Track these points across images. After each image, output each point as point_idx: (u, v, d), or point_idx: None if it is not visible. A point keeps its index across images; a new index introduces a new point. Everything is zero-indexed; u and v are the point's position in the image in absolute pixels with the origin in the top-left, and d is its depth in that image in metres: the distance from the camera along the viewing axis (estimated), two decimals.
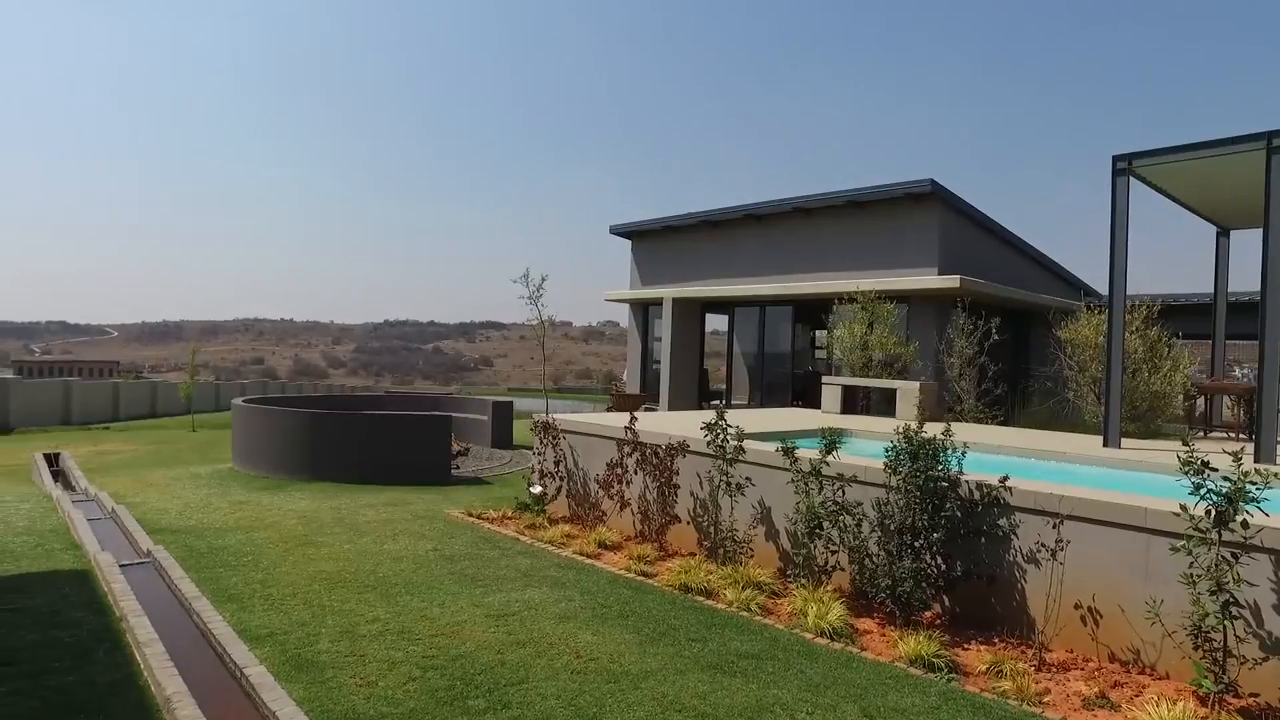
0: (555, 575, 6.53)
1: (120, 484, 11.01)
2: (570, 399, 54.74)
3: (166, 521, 8.04)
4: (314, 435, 11.47)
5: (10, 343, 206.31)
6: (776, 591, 6.37)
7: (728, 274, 18.56)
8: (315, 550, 7.04)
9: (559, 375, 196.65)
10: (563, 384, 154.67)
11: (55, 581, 5.69)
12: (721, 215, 18.53)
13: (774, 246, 17.82)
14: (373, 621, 5.14)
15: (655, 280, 20.33)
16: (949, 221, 15.58)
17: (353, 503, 9.54)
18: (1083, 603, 5.03)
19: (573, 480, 9.13)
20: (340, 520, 8.45)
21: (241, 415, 12.53)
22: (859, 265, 16.15)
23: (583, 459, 9.01)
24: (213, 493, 10.12)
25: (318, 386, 63.48)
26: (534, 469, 9.27)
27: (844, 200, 16.13)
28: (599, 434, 8.75)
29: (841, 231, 16.65)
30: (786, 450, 6.52)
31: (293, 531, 7.78)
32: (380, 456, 11.36)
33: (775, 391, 18.27)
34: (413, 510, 9.18)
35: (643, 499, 8.13)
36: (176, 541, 7.06)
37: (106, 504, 8.40)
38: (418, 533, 7.92)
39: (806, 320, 18.95)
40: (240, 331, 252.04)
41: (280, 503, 9.44)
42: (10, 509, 8.49)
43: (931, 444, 5.77)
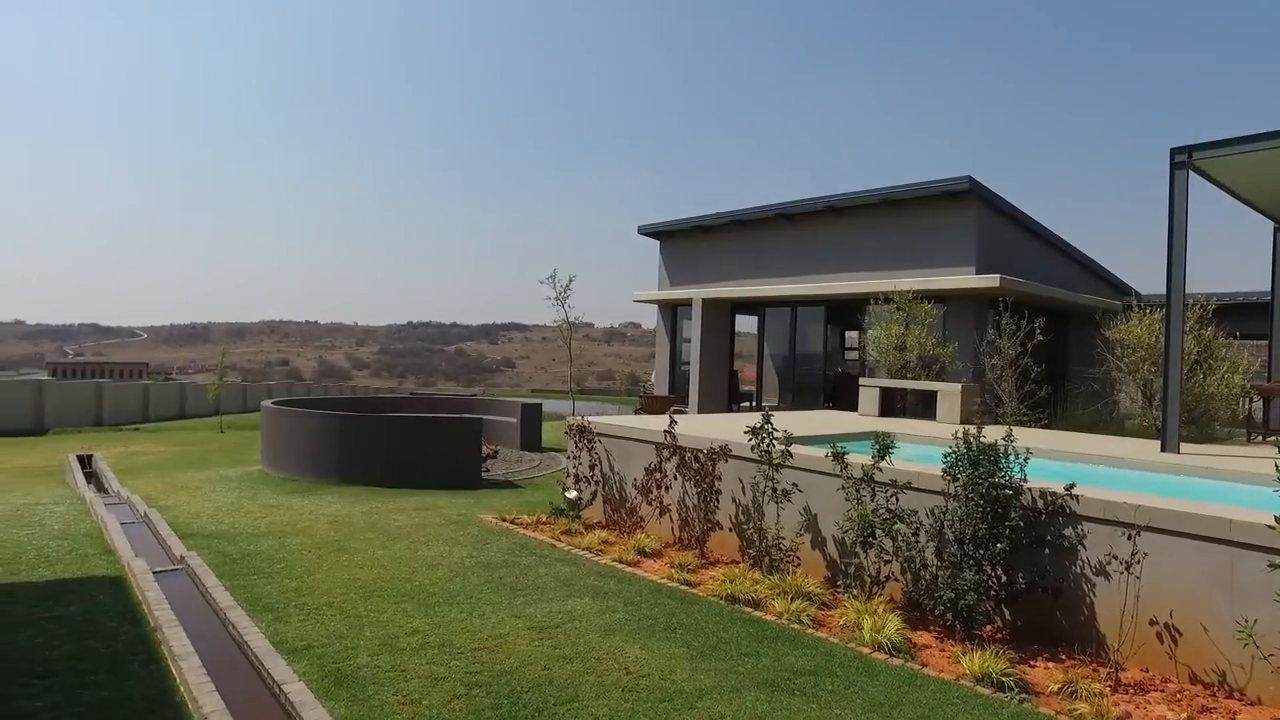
0: (596, 584, 6.33)
1: (152, 486, 10.98)
2: (594, 400, 54.61)
3: (198, 526, 7.94)
4: (344, 438, 11.37)
5: (45, 344, 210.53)
6: (826, 602, 6.12)
7: (758, 274, 18.28)
8: (349, 557, 6.89)
9: (581, 377, 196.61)
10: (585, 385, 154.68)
11: (89, 588, 5.57)
12: (752, 215, 18.26)
13: (806, 246, 17.52)
14: (412, 634, 4.96)
15: (684, 281, 20.09)
16: (987, 219, 15.21)
17: (384, 507, 9.41)
18: (1159, 619, 4.74)
19: (608, 485, 8.93)
20: (372, 525, 8.31)
21: (271, 418, 12.47)
22: (893, 265, 15.82)
23: (618, 463, 8.80)
24: (243, 496, 10.03)
25: (343, 388, 63.93)
26: (568, 473, 9.08)
27: (878, 198, 15.80)
28: (636, 438, 8.54)
29: (875, 230, 16.32)
30: (837, 455, 6.27)
31: (325, 537, 7.65)
32: (410, 460, 11.23)
33: (806, 393, 17.97)
34: (445, 515, 9.02)
35: (682, 505, 7.92)
36: (209, 547, 6.95)
37: (139, 507, 8.32)
38: (452, 539, 7.76)
39: (839, 321, 18.63)
40: (266, 333, 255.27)
41: (311, 507, 9.33)
42: (46, 512, 8.44)
43: (993, 450, 5.50)
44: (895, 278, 15.43)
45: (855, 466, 6.21)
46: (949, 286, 14.25)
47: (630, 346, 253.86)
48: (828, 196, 16.68)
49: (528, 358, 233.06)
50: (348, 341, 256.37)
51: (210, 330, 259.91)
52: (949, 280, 14.42)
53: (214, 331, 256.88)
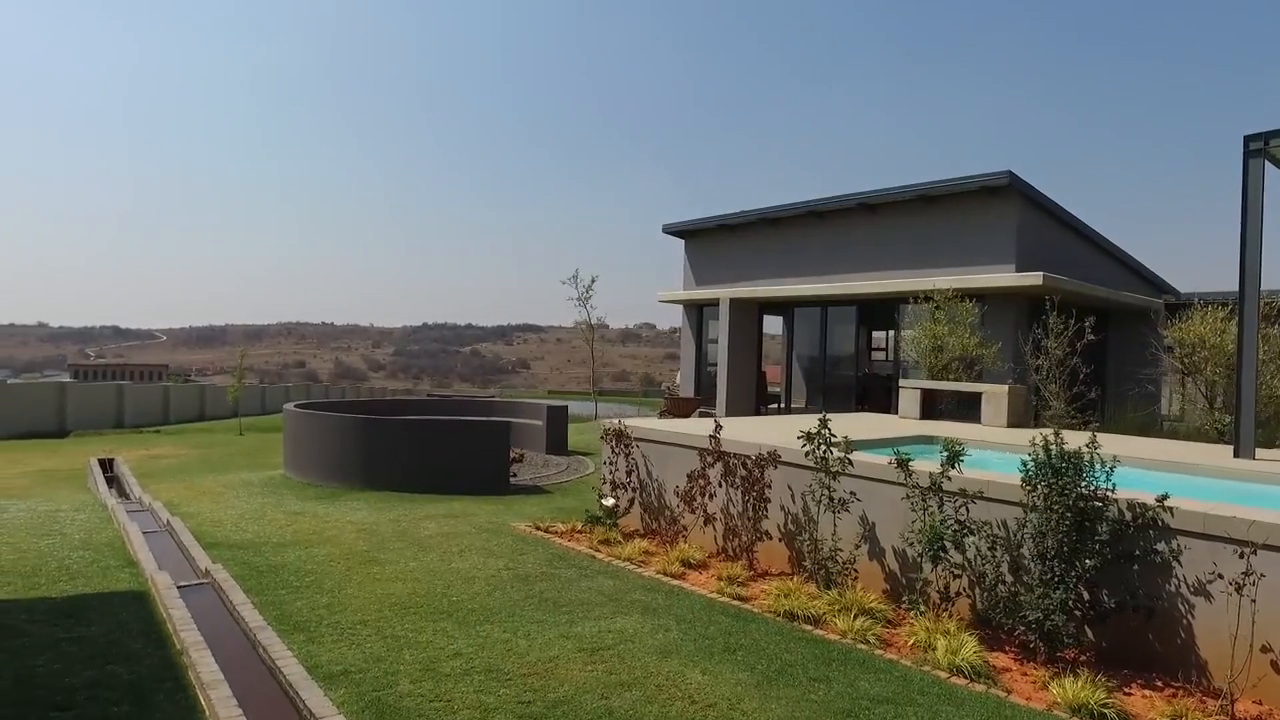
0: (643, 599, 5.96)
1: (173, 491, 10.72)
2: (613, 401, 54.22)
3: (222, 534, 7.64)
4: (368, 442, 11.06)
5: (68, 346, 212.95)
6: (890, 619, 5.73)
7: (786, 273, 17.87)
8: (380, 569, 6.56)
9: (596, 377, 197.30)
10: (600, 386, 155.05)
11: (112, 604, 5.26)
12: (781, 212, 17.84)
13: (836, 244, 17.09)
14: (455, 656, 4.61)
15: (710, 280, 19.70)
16: (1026, 215, 14.72)
17: (411, 514, 9.09)
18: (1272, 646, 4.32)
19: (645, 491, 8.57)
20: (401, 534, 7.98)
21: (293, 421, 12.18)
22: (928, 263, 15.36)
23: (657, 469, 8.44)
24: (266, 502, 9.74)
25: (360, 390, 63.91)
26: (605, 480, 8.72)
27: (912, 194, 15.35)
28: (677, 443, 8.17)
29: (909, 227, 15.86)
30: (901, 463, 5.87)
31: (353, 547, 7.32)
32: (436, 465, 10.91)
33: (836, 395, 17.53)
34: (475, 523, 8.68)
35: (726, 513, 7.55)
36: (234, 558, 6.64)
37: (161, 515, 8.04)
38: (485, 549, 7.41)
39: (870, 321, 18.20)
40: (283, 335, 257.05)
41: (336, 514, 9.02)
42: (67, 520, 8.18)
43: (1077, 457, 5.09)
44: (930, 276, 14.98)
45: (922, 474, 5.82)
46: (988, 285, 13.78)
47: (645, 348, 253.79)
48: (860, 193, 16.24)
49: (542, 359, 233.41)
50: (363, 343, 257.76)
51: (228, 332, 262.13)
52: (988, 278, 13.94)
53: (231, 333, 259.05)
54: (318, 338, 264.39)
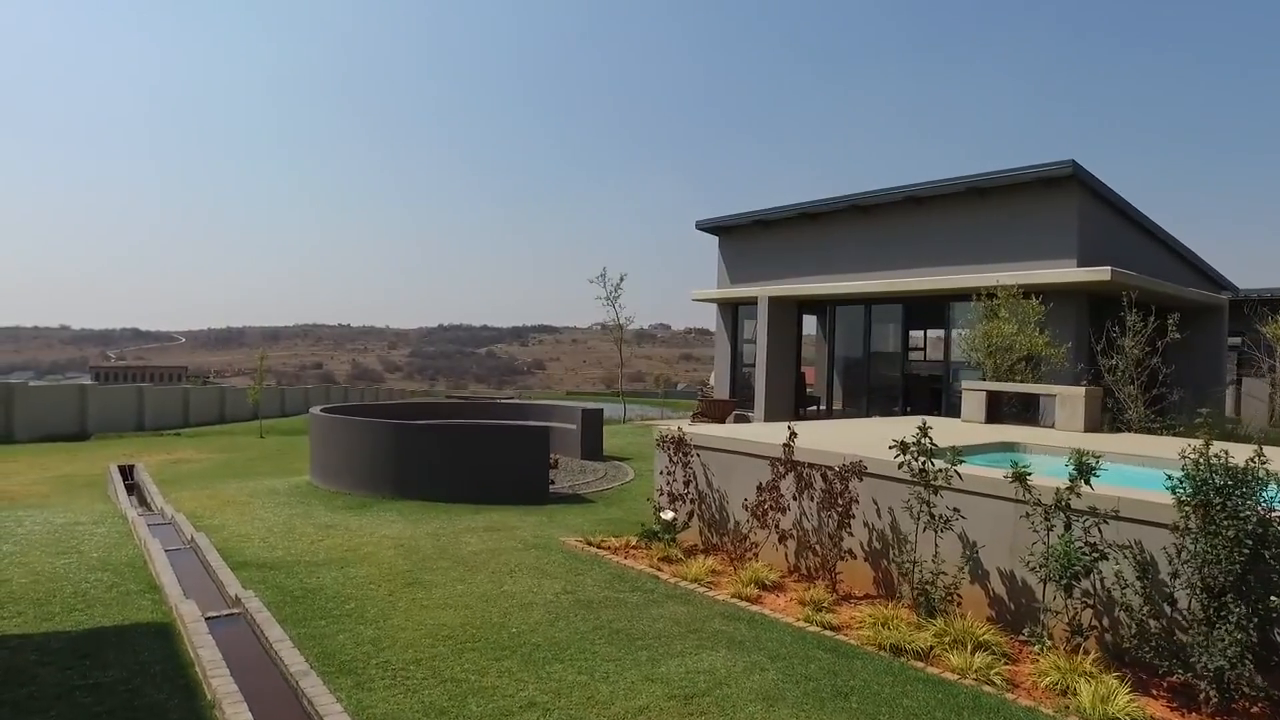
0: (725, 630, 5.28)
1: (196, 500, 10.15)
2: (635, 402, 53.45)
3: (250, 552, 7.03)
4: (401, 449, 10.45)
5: (90, 349, 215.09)
6: (1009, 654, 5.02)
7: (827, 270, 17.13)
8: (426, 593, 5.91)
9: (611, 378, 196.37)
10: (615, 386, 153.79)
11: (133, 640, 4.65)
12: (820, 207, 17.10)
13: (880, 239, 16.33)
14: (529, 707, 3.95)
15: (745, 278, 18.98)
16: (1088, 207, 13.91)
17: (450, 527, 8.46)
18: None
19: (706, 504, 7.89)
20: (443, 551, 7.34)
21: (320, 426, 11.59)
22: (980, 258, 14.58)
23: (719, 479, 7.76)
24: (295, 514, 9.14)
25: (380, 392, 63.56)
26: (661, 490, 8.04)
27: (964, 186, 14.56)
28: (744, 451, 7.48)
29: (960, 221, 15.08)
30: (1019, 476, 5.16)
31: (393, 566, 6.69)
32: (473, 473, 10.28)
33: (879, 397, 16.77)
34: (520, 538, 8.04)
35: (799, 527, 6.86)
36: (266, 581, 6.02)
37: (185, 529, 7.44)
38: (537, 568, 6.76)
39: (918, 320, 17.46)
40: (300, 337, 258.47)
41: (370, 527, 8.40)
42: (85, 534, 7.59)
43: (1246, 473, 4.36)
44: (982, 272, 14.21)
45: (1044, 490, 5.11)
46: (1050, 281, 12.97)
47: (661, 348, 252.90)
48: (907, 186, 15.47)
49: (558, 359, 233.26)
50: (379, 344, 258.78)
51: (246, 334, 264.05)
52: (1049, 274, 13.14)
53: (249, 335, 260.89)
54: (334, 339, 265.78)
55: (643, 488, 11.62)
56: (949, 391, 15.17)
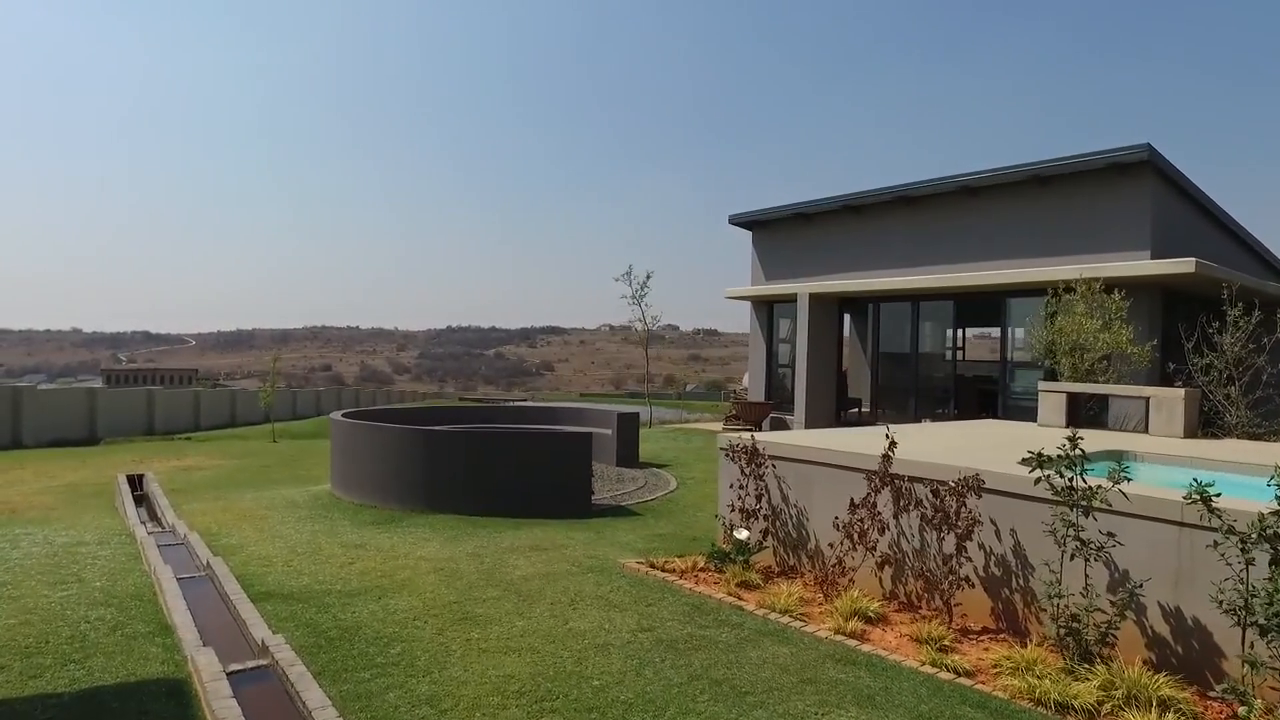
0: (844, 679, 4.42)
1: (210, 514, 9.33)
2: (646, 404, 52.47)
3: (273, 579, 6.19)
4: (432, 458, 9.61)
5: (101, 351, 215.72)
6: (1197, 715, 4.15)
7: (869, 265, 16.23)
8: (481, 631, 5.06)
9: (620, 379, 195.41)
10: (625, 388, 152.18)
11: (140, 702, 3.81)
12: (864, 199, 16.19)
13: (930, 232, 15.42)
14: None
15: (781, 275, 18.08)
16: (1161, 195, 12.98)
17: (491, 546, 7.61)
18: None
19: (779, 520, 7.03)
20: (489, 576, 6.49)
21: (343, 433, 10.76)
22: (1040, 251, 13.67)
23: (797, 493, 6.89)
24: (318, 530, 8.31)
25: (393, 395, 62.90)
26: (732, 507, 7.16)
27: (1025, 175, 13.63)
28: (828, 462, 6.61)
29: (1018, 212, 14.17)
30: (1204, 497, 4.27)
31: (438, 596, 5.84)
32: (510, 483, 9.45)
33: (928, 400, 15.85)
34: (572, 559, 7.18)
35: (896, 549, 6.01)
36: (294, 617, 5.18)
37: (199, 551, 6.61)
38: (602, 598, 5.90)
39: (969, 317, 16.61)
40: (309, 339, 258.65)
41: (403, 546, 7.56)
42: (88, 558, 6.77)
43: None
44: (1043, 265, 13.30)
45: (1240, 514, 4.22)
46: (1124, 274, 12.03)
47: (670, 349, 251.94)
48: (960, 175, 14.56)
49: (566, 361, 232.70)
50: (388, 346, 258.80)
51: (255, 336, 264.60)
52: (1122, 267, 12.21)
53: (259, 337, 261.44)
54: (343, 341, 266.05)
55: (689, 498, 10.77)
56: (1006, 393, 14.26)
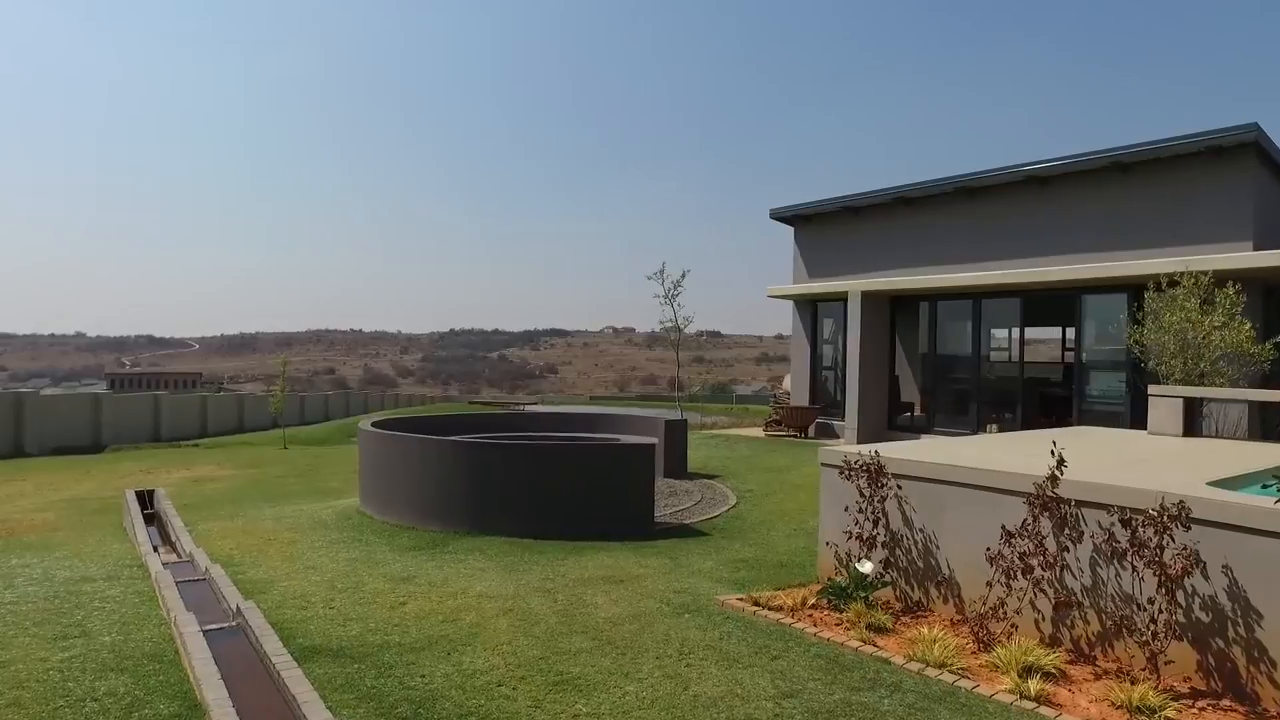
0: None
1: (230, 537, 8.34)
2: (659, 407, 51.51)
3: (316, 627, 5.18)
4: (478, 473, 8.60)
5: (105, 355, 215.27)
6: None
7: (927, 261, 15.21)
8: (586, 702, 4.05)
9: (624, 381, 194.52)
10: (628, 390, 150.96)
11: None
12: (920, 190, 15.17)
13: (993, 225, 14.39)
14: None
15: (827, 271, 17.05)
16: (1263, 181, 11.92)
17: (558, 578, 6.60)
18: None
19: (900, 548, 6.02)
20: (569, 619, 5.47)
21: (374, 445, 9.75)
22: (1120, 244, 12.65)
23: (923, 517, 5.87)
24: (355, 558, 7.30)
25: (398, 398, 61.95)
26: (850, 533, 6.13)
27: (1105, 161, 12.60)
28: (970, 482, 5.58)
29: (1095, 203, 13.12)
30: None
31: (517, 650, 4.83)
32: (564, 500, 8.44)
33: (991, 405, 14.80)
34: (656, 593, 6.18)
35: (1059, 586, 5.00)
36: (352, 685, 4.17)
37: (226, 593, 5.59)
38: (715, 647, 4.89)
39: (1038, 316, 15.67)
40: (312, 342, 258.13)
41: (457, 579, 6.54)
42: (94, 600, 5.73)
43: None
44: (1125, 259, 12.27)
45: None
46: (1225, 266, 10.95)
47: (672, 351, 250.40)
48: (1029, 165, 13.53)
49: (570, 363, 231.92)
50: (392, 349, 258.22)
51: (259, 340, 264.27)
52: (1221, 260, 11.13)
53: (262, 341, 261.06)
54: (346, 344, 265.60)
55: (755, 515, 9.75)
56: (1080, 397, 13.22)
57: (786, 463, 13.53)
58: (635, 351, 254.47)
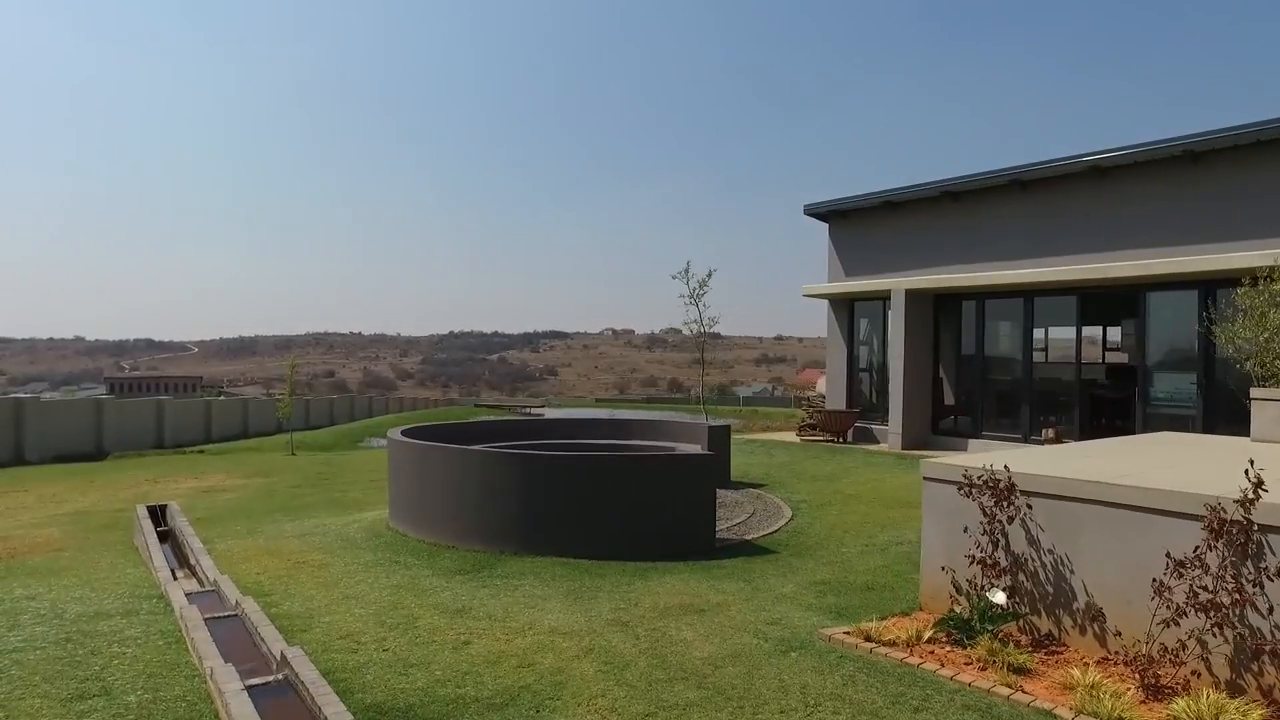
0: None
1: (255, 560, 7.60)
2: (661, 409, 50.77)
3: (374, 676, 4.46)
4: (525, 486, 7.87)
5: (104, 359, 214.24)
6: None
7: (974, 258, 14.50)
8: None
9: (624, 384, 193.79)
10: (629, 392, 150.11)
11: None
12: (970, 183, 14.44)
13: (1048, 220, 13.67)
14: None
15: (864, 269, 16.34)
16: None
17: (631, 607, 5.88)
18: None
19: (1023, 573, 5.30)
20: (662, 661, 4.75)
21: (407, 456, 9.00)
22: (1191, 238, 11.93)
23: (1053, 539, 5.15)
24: (398, 585, 6.57)
25: (402, 402, 61.15)
26: (972, 558, 5.39)
27: (1179, 149, 11.87)
28: (1122, 501, 4.85)
29: (1163, 194, 12.41)
30: None
31: (617, 704, 4.12)
32: (619, 517, 7.73)
33: (1044, 409, 14.08)
34: (745, 624, 5.46)
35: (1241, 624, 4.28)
36: None
37: (264, 634, 4.85)
38: (843, 697, 4.19)
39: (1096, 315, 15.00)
40: (311, 345, 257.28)
41: (519, 610, 5.81)
42: (112, 643, 4.96)
43: None
44: (1198, 254, 11.57)
45: None
46: None
47: (671, 353, 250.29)
48: (1089, 155, 12.81)
49: (569, 365, 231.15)
50: (391, 352, 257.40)
51: (258, 343, 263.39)
52: None
53: (261, 344, 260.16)
54: (345, 347, 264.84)
55: (817, 528, 9.03)
56: (1146, 400, 12.50)
57: (832, 470, 12.82)
58: (635, 353, 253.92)
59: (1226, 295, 11.37)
